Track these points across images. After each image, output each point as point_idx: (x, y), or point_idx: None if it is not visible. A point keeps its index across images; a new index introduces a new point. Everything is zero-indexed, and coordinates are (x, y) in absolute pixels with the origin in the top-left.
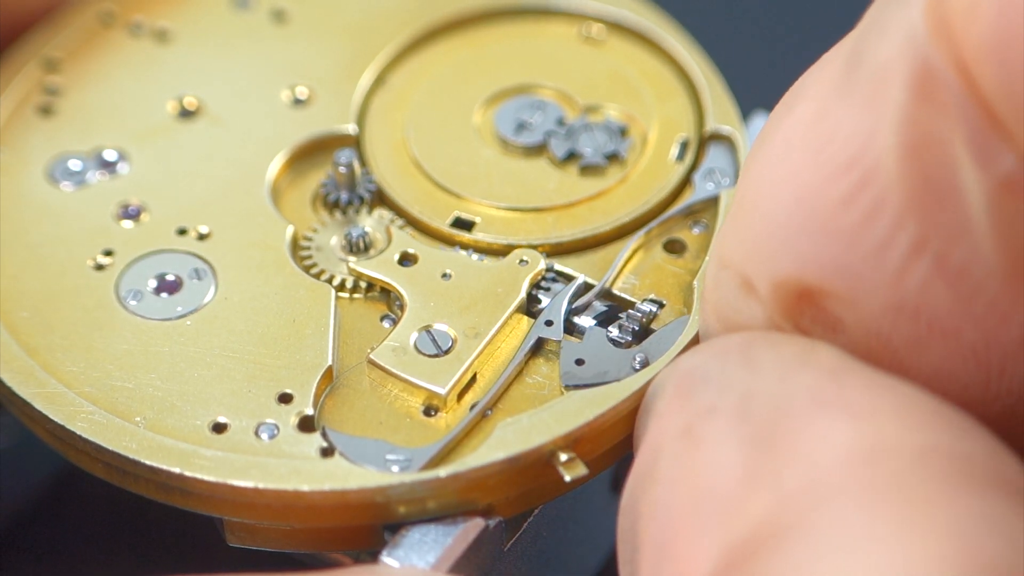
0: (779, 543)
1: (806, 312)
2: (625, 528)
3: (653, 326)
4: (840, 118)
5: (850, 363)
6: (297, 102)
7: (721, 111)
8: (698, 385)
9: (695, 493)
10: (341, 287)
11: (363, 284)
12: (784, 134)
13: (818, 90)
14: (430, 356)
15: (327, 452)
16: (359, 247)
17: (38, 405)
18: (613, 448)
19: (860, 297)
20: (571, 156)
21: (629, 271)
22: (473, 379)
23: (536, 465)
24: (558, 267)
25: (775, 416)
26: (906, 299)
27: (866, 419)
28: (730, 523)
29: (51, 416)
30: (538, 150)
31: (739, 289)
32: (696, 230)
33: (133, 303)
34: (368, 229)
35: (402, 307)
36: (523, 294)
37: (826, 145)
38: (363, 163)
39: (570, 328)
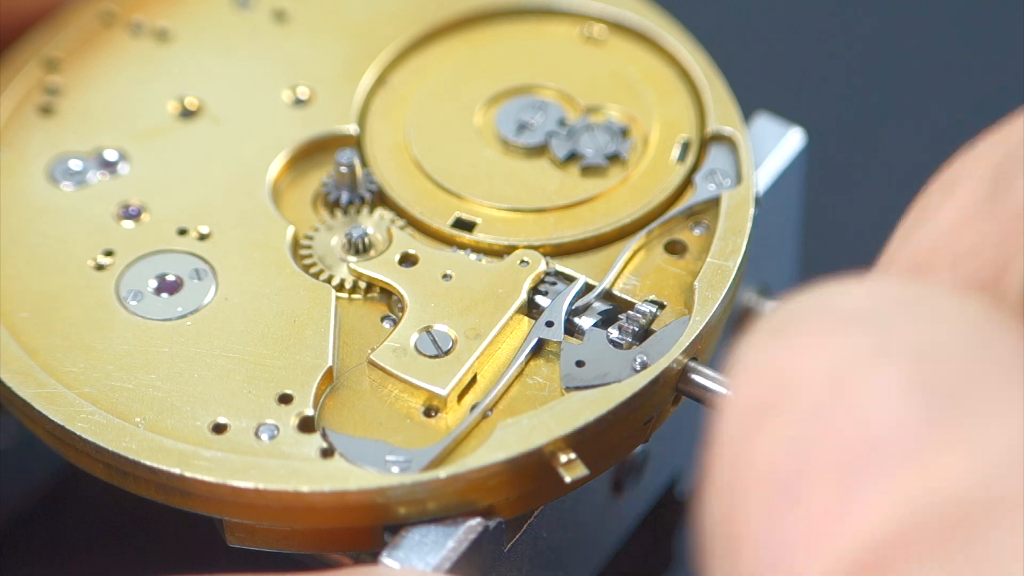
0: (991, 518)
1: None
2: (724, 478)
3: (654, 327)
4: (979, 239)
5: None
6: (298, 102)
7: (723, 112)
8: (855, 325)
9: (855, 447)
10: (341, 287)
11: (363, 285)
12: (931, 229)
13: (965, 196)
14: (430, 357)
15: (327, 453)
16: (360, 247)
17: (38, 406)
18: (614, 449)
19: None
20: (572, 157)
21: (630, 272)
22: (473, 380)
23: (536, 466)
24: (559, 268)
25: (966, 379)
26: None
27: None
28: (908, 484)
29: (51, 416)
30: (539, 151)
31: None
32: (697, 231)
33: (133, 303)
34: (369, 229)
35: (402, 308)
36: (524, 295)
37: (962, 260)
38: (364, 163)
39: (570, 329)
